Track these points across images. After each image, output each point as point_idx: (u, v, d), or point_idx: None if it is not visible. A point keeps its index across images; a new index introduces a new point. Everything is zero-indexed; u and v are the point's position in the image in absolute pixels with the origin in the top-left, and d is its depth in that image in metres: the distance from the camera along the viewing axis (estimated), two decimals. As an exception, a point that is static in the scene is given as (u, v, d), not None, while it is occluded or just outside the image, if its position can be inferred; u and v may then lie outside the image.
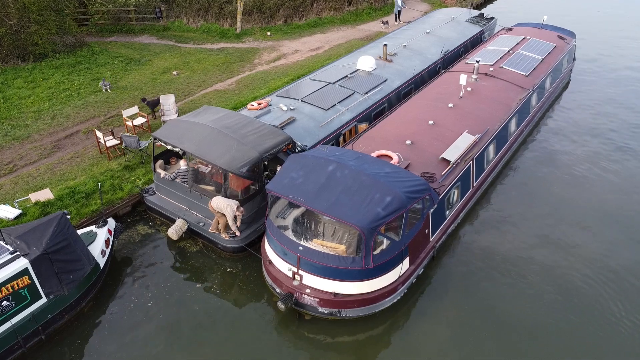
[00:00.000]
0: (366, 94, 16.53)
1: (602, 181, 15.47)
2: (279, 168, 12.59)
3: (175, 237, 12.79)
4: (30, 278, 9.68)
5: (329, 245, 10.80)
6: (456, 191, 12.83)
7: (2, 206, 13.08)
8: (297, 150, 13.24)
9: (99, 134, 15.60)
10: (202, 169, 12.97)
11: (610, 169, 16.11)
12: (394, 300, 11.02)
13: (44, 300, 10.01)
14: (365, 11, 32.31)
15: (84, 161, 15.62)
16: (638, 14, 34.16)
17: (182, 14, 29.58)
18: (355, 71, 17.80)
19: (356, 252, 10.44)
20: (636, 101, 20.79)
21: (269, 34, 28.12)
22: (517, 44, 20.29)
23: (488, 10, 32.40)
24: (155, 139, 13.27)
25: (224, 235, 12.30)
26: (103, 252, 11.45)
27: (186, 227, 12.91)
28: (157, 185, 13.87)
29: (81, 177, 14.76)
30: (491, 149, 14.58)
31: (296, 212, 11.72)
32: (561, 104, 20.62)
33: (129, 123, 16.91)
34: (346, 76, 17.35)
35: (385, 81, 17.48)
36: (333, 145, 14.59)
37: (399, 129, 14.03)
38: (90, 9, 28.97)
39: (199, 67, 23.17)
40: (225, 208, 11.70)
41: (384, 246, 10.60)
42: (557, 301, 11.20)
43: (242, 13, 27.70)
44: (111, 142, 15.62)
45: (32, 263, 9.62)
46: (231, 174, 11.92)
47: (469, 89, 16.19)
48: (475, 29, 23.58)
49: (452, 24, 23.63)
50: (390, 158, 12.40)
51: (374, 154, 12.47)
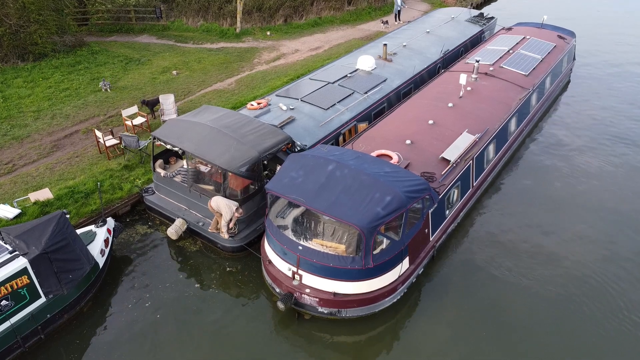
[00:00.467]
0: (366, 93, 16.51)
1: (602, 180, 15.45)
2: (279, 168, 12.58)
3: (174, 237, 12.77)
4: (30, 277, 9.67)
5: (328, 245, 10.79)
6: (456, 191, 12.82)
7: (1, 206, 13.06)
8: (296, 150, 13.22)
9: (98, 133, 15.59)
10: (202, 168, 12.96)
11: (611, 168, 16.09)
12: (394, 300, 11.00)
13: (43, 299, 10.00)
14: (365, 11, 32.30)
15: (84, 161, 15.61)
16: (638, 14, 34.13)
17: (182, 14, 29.58)
18: (355, 71, 17.78)
19: (356, 252, 10.42)
20: (636, 100, 20.78)
21: (268, 33, 28.10)
22: (517, 43, 20.27)
23: (488, 10, 32.34)
24: (154, 139, 13.26)
25: (224, 235, 12.29)
26: (102, 252, 11.44)
27: (185, 226, 12.90)
28: (157, 185, 13.86)
29: (80, 176, 14.75)
30: (491, 148, 14.56)
31: (296, 211, 11.70)
32: (561, 103, 20.62)
33: (128, 123, 16.90)
34: (346, 76, 17.33)
35: (385, 81, 17.46)
36: (333, 144, 14.56)
37: (398, 129, 14.01)
38: (90, 8, 28.96)
39: (198, 67, 23.15)
40: (224, 208, 11.68)
41: (383, 246, 10.59)
42: (558, 301, 11.18)
43: (242, 13, 27.69)
44: (110, 141, 15.61)
45: (32, 262, 9.61)
46: (231, 174, 11.91)
47: (468, 88, 16.17)
48: (475, 29, 23.56)
49: (452, 24, 23.61)
50: (390, 158, 12.38)
51: (373, 154, 12.45)
